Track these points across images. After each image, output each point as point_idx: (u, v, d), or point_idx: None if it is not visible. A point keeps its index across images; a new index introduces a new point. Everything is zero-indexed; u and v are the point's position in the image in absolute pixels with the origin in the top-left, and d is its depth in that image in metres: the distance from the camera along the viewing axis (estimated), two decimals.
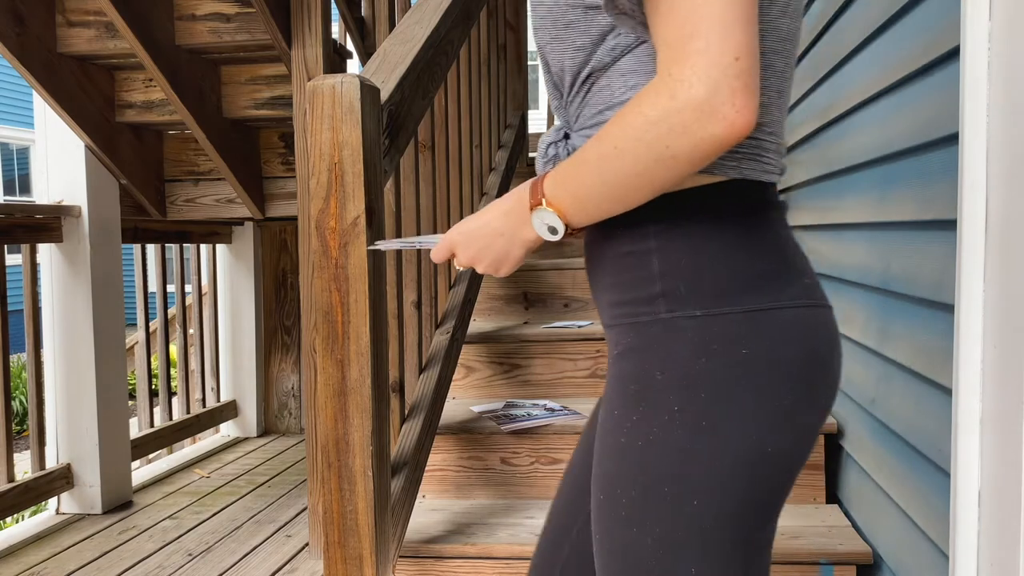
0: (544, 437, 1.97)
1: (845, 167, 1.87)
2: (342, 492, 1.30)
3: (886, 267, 1.56)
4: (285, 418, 3.81)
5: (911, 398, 1.41)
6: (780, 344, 0.77)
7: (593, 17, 0.79)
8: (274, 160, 2.94)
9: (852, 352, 1.81)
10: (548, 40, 0.85)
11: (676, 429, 0.76)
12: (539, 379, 2.30)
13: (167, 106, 2.60)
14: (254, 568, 2.19)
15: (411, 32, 1.66)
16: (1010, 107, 1.04)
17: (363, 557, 1.31)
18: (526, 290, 2.62)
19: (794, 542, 1.65)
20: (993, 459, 1.08)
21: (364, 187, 1.27)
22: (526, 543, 1.71)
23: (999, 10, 1.05)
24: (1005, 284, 1.05)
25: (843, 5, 1.88)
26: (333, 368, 1.29)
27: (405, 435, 1.67)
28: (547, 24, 0.84)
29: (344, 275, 1.28)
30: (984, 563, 1.10)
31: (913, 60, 1.38)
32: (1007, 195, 1.05)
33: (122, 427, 2.79)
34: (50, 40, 2.37)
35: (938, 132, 1.27)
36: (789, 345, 0.77)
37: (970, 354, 1.11)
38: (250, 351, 3.71)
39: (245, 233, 3.69)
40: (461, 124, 2.16)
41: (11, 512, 2.47)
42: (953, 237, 1.15)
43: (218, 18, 2.30)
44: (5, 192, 11.63)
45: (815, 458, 1.90)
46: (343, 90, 1.25)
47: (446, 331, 1.96)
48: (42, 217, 2.57)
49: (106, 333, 2.69)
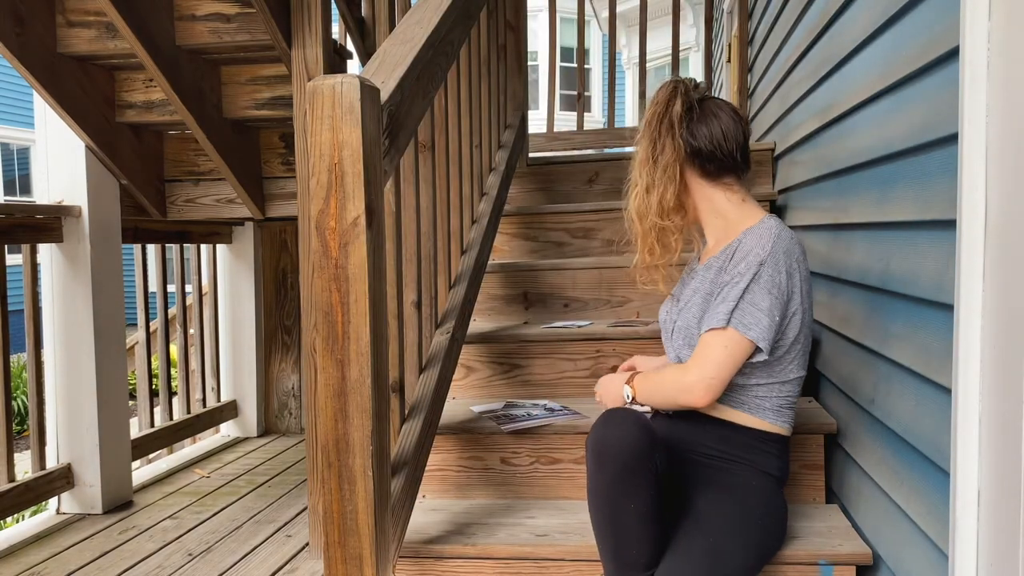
0: (544, 437, 1.97)
1: (845, 167, 1.87)
2: (342, 492, 1.30)
3: (886, 267, 1.56)
4: (285, 418, 3.81)
5: (911, 398, 1.41)
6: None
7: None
8: (274, 160, 2.94)
9: (852, 352, 1.81)
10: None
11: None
12: (539, 379, 2.30)
13: (167, 106, 2.60)
14: (254, 568, 2.20)
15: (411, 32, 1.66)
16: (1010, 107, 1.04)
17: (363, 557, 1.31)
18: (526, 290, 2.62)
19: (793, 542, 1.65)
20: (993, 459, 1.08)
21: (364, 187, 1.27)
22: (526, 543, 1.71)
23: (999, 10, 1.05)
24: (1005, 284, 1.05)
25: (843, 5, 1.88)
26: (333, 368, 1.30)
27: (405, 435, 1.68)
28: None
29: (344, 275, 1.28)
30: (984, 563, 1.10)
31: (913, 60, 1.38)
32: (1007, 195, 1.05)
33: (122, 427, 2.79)
34: (50, 40, 2.37)
35: (938, 132, 1.27)
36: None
37: (970, 354, 1.11)
38: (250, 351, 3.71)
39: (245, 233, 3.69)
40: (461, 124, 2.16)
41: (11, 512, 2.47)
42: (953, 237, 1.15)
43: (218, 18, 2.30)
44: (5, 192, 11.63)
45: (815, 458, 1.90)
46: (343, 90, 1.25)
47: (446, 331, 1.96)
48: (42, 217, 2.57)
49: (106, 333, 2.69)
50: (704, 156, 1.61)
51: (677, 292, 1.75)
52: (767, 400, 1.61)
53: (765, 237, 1.54)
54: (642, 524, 1.47)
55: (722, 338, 1.51)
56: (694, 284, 1.67)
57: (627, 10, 9.95)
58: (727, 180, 1.64)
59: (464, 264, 2.19)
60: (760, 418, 1.61)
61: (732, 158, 1.62)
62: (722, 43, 5.32)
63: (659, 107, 1.63)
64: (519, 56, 3.11)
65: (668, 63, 4.44)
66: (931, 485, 1.29)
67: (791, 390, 1.63)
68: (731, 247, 1.60)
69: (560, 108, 11.01)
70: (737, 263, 1.55)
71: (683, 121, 1.61)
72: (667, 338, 1.73)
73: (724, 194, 1.65)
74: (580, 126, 4.03)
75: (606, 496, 1.47)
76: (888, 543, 1.52)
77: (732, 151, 1.61)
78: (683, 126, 1.61)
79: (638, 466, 1.43)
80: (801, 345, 1.60)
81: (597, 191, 3.25)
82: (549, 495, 1.98)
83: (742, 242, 1.57)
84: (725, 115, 1.62)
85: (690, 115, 1.62)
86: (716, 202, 1.65)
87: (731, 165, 1.63)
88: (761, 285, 1.50)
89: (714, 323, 1.51)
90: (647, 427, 1.46)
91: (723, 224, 1.66)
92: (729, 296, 1.52)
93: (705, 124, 1.61)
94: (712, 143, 1.60)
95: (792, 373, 1.61)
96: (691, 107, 1.62)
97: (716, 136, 1.60)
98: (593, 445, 1.47)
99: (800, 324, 1.57)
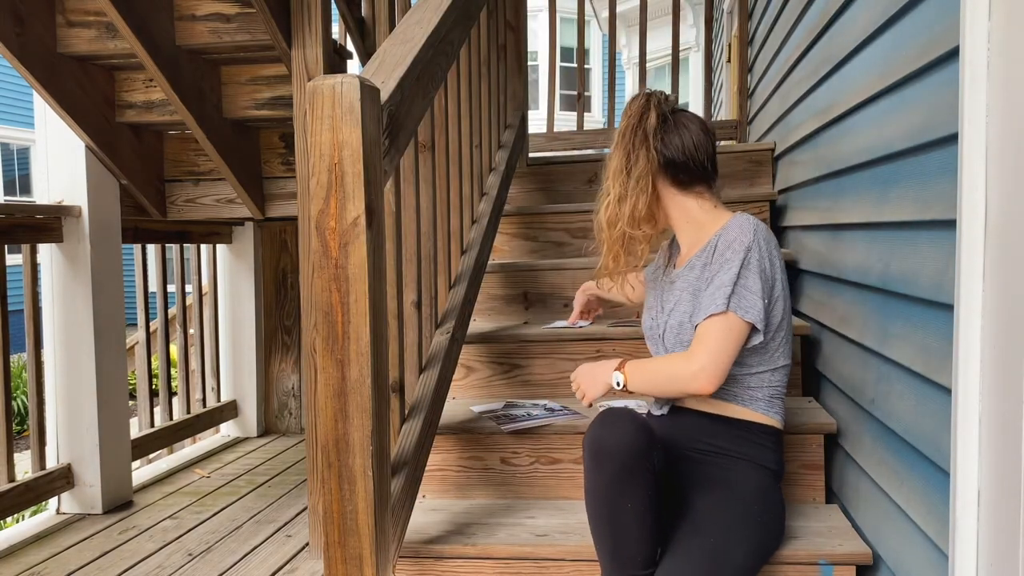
0: (544, 437, 1.97)
1: (845, 167, 1.87)
2: (342, 492, 1.30)
3: (886, 267, 1.56)
4: (285, 418, 3.81)
5: (911, 398, 1.41)
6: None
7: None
8: (274, 160, 2.94)
9: (852, 352, 1.81)
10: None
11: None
12: (539, 379, 2.30)
13: (167, 106, 2.60)
14: (254, 568, 2.20)
15: (411, 32, 1.66)
16: (1010, 107, 1.04)
17: (363, 557, 1.31)
18: (526, 290, 2.62)
19: (793, 542, 1.65)
20: (993, 459, 1.08)
21: (364, 187, 1.27)
22: (526, 543, 1.71)
23: (999, 10, 1.05)
24: (1005, 284, 1.05)
25: (843, 5, 1.88)
26: (333, 368, 1.30)
27: (405, 435, 1.67)
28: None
29: (344, 275, 1.28)
30: (984, 563, 1.10)
31: (913, 60, 1.38)
32: (1007, 195, 1.05)
33: (122, 427, 2.79)
34: (50, 40, 2.37)
35: (937, 132, 1.27)
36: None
37: (970, 354, 1.11)
38: (250, 351, 3.71)
39: (245, 233, 3.69)
40: (461, 124, 2.16)
41: (11, 512, 2.47)
42: (953, 237, 1.15)
43: (218, 18, 2.30)
44: (5, 192, 11.63)
45: (815, 458, 1.90)
46: (343, 90, 1.25)
47: (446, 331, 1.96)
48: (42, 217, 2.57)
49: (106, 333, 2.69)
50: (677, 166, 1.67)
51: (655, 301, 1.78)
52: (758, 390, 1.64)
53: (746, 227, 1.59)
54: (640, 524, 1.47)
55: (724, 322, 1.54)
56: (679, 285, 1.70)
57: (627, 10, 9.95)
58: (698, 189, 1.70)
59: (464, 264, 2.19)
60: (753, 409, 1.64)
61: (703, 168, 1.68)
62: (722, 43, 5.32)
63: (633, 119, 1.68)
64: (519, 56, 3.11)
65: (668, 63, 4.44)
66: (931, 485, 1.29)
67: (780, 379, 1.67)
68: (711, 243, 1.65)
69: (560, 108, 11.02)
70: (723, 251, 1.59)
71: (657, 133, 1.66)
72: (656, 342, 1.75)
73: (696, 202, 1.70)
74: (580, 126, 4.04)
75: (604, 496, 1.47)
76: (888, 543, 1.52)
77: (703, 161, 1.68)
78: (656, 137, 1.66)
79: (636, 466, 1.43)
80: (784, 332, 1.65)
81: (597, 191, 3.25)
82: (549, 495, 1.98)
83: (721, 236, 1.62)
84: (695, 127, 1.68)
85: (664, 127, 1.67)
86: (689, 210, 1.71)
87: (702, 175, 1.69)
88: (751, 269, 1.56)
89: (712, 309, 1.54)
90: (645, 426, 1.46)
91: (696, 229, 1.71)
92: (723, 282, 1.55)
93: (677, 135, 1.67)
94: (684, 153, 1.66)
95: (780, 360, 1.65)
96: (664, 119, 1.67)
97: (688, 147, 1.66)
98: (591, 445, 1.47)
99: (783, 309, 1.63)
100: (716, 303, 1.54)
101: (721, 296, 1.54)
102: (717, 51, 5.68)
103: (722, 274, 1.56)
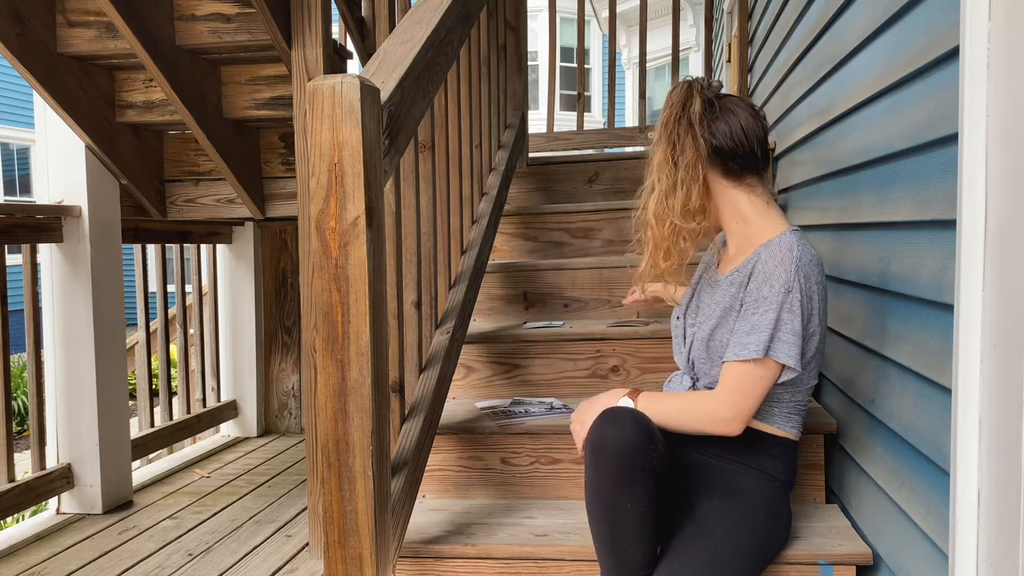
0: (544, 437, 1.97)
1: (845, 167, 1.87)
2: (342, 492, 1.30)
3: (886, 267, 1.56)
4: (285, 418, 3.81)
5: (911, 398, 1.41)
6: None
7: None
8: (274, 160, 2.94)
9: (852, 352, 1.81)
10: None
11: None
12: (539, 379, 2.30)
13: (167, 106, 2.60)
14: (254, 568, 2.20)
15: (411, 32, 1.66)
16: (1010, 107, 1.04)
17: (363, 557, 1.31)
18: (526, 290, 2.62)
19: (793, 542, 1.65)
20: (993, 459, 1.08)
21: (364, 187, 1.27)
22: (526, 543, 1.71)
23: (999, 10, 1.05)
24: (1005, 284, 1.05)
25: (843, 5, 1.88)
26: (333, 368, 1.30)
27: (405, 435, 1.68)
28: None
29: (344, 275, 1.28)
30: (984, 563, 1.10)
31: (913, 60, 1.38)
32: (1006, 195, 1.05)
33: (122, 427, 2.79)
34: (50, 40, 2.37)
35: (937, 132, 1.27)
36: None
37: (970, 354, 1.11)
38: (250, 351, 3.71)
39: (245, 233, 3.69)
40: (461, 124, 2.16)
41: (11, 512, 2.47)
42: (952, 237, 1.15)
43: (218, 18, 2.30)
44: (5, 192, 11.63)
45: (815, 458, 1.90)
46: (343, 90, 1.25)
47: (446, 331, 1.96)
48: (42, 217, 2.57)
49: (106, 333, 2.69)
50: (726, 154, 1.57)
51: (694, 299, 1.72)
52: (777, 406, 1.61)
53: (787, 260, 1.50)
54: (640, 523, 1.46)
55: (760, 368, 1.50)
56: (716, 297, 1.64)
57: (627, 10, 9.95)
58: (749, 180, 1.60)
59: (464, 264, 2.19)
60: (768, 423, 1.61)
61: (753, 155, 1.58)
62: (722, 43, 5.32)
63: (676, 108, 1.59)
64: (519, 56, 3.11)
65: (668, 63, 4.44)
66: (931, 485, 1.29)
67: (802, 397, 1.63)
68: (750, 262, 1.57)
69: (560, 108, 11.02)
70: (760, 287, 1.52)
71: (703, 119, 1.57)
72: (679, 343, 1.72)
73: (748, 197, 1.61)
74: (580, 126, 4.03)
75: (604, 495, 1.46)
76: (888, 543, 1.52)
77: (753, 147, 1.58)
78: (703, 124, 1.57)
79: (636, 465, 1.43)
80: (816, 361, 1.60)
81: (597, 191, 3.25)
82: (549, 495, 1.98)
83: (760, 258, 1.54)
84: (743, 111, 1.58)
85: (710, 113, 1.58)
86: (740, 206, 1.61)
87: (753, 162, 1.59)
88: (791, 311, 1.49)
89: (746, 355, 1.49)
90: (646, 426, 1.46)
91: (745, 231, 1.62)
92: (760, 325, 1.49)
93: (725, 121, 1.57)
94: (734, 140, 1.56)
95: (806, 383, 1.61)
96: (710, 104, 1.58)
97: (737, 133, 1.56)
98: (591, 444, 1.47)
99: (818, 342, 1.57)
100: (750, 349, 1.49)
101: (756, 342, 1.49)
102: (717, 51, 5.67)
103: (759, 316, 1.50)
